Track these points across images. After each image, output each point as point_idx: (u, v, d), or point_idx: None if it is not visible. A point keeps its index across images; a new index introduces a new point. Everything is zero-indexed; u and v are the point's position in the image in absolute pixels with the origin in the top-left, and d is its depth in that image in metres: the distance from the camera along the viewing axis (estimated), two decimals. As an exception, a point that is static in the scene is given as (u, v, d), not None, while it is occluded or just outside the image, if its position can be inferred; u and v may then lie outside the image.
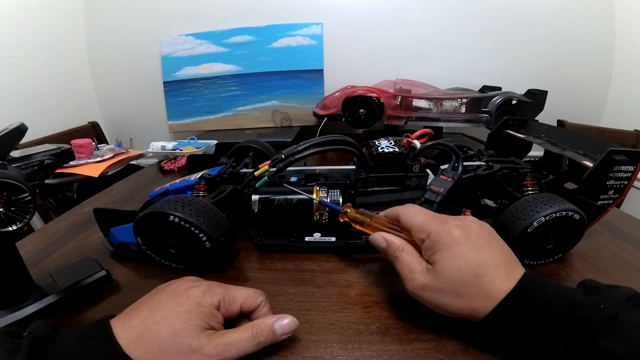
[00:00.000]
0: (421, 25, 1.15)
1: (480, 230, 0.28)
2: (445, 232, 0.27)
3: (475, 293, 0.25)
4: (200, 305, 0.25)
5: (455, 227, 0.28)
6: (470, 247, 0.27)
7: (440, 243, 0.27)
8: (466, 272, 0.26)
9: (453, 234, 0.27)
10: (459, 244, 0.27)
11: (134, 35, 1.21)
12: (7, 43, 1.01)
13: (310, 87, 1.13)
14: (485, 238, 0.28)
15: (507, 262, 0.27)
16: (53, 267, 0.40)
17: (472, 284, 0.26)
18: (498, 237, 0.29)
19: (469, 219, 0.29)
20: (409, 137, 0.43)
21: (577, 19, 1.13)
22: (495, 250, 0.27)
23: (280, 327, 0.27)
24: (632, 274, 0.37)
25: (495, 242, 0.28)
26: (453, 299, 0.26)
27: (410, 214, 0.31)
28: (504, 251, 0.28)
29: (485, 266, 0.26)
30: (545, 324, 0.23)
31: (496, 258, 0.26)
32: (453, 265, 0.26)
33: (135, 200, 0.62)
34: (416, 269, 0.28)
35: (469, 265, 0.26)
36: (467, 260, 0.26)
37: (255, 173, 0.40)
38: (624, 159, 0.37)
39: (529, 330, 0.24)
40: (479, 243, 0.27)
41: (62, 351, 0.23)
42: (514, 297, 0.24)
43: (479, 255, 0.26)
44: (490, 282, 0.25)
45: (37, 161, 0.32)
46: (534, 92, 0.90)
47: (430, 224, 0.29)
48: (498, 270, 0.26)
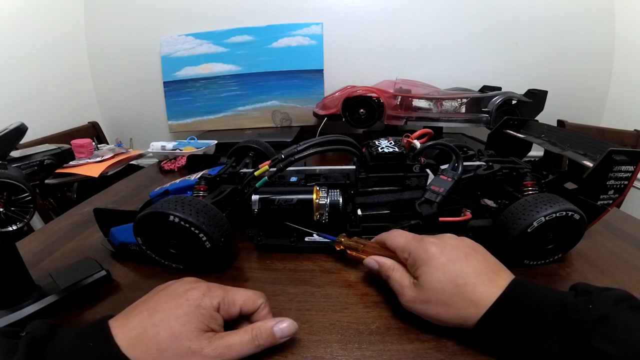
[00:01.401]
0: (421, 25, 1.15)
1: (457, 244, 0.30)
2: (423, 249, 0.30)
3: (460, 302, 0.27)
4: (200, 307, 0.25)
5: (431, 244, 0.30)
6: (447, 260, 0.28)
7: (419, 259, 0.29)
8: (446, 282, 0.27)
9: (429, 250, 0.29)
10: (435, 258, 0.29)
11: (134, 35, 1.21)
12: (7, 43, 1.01)
13: (310, 87, 1.13)
14: (463, 250, 0.30)
15: (489, 270, 0.28)
16: (53, 267, 0.40)
17: (454, 293, 0.27)
18: (479, 248, 0.31)
19: (446, 236, 0.32)
20: (409, 137, 0.43)
21: (577, 19, 1.13)
22: (473, 260, 0.29)
23: (280, 330, 0.27)
24: (632, 274, 0.37)
25: (474, 253, 0.30)
26: (442, 308, 0.27)
27: (394, 237, 0.33)
28: (484, 260, 0.29)
29: (464, 275, 0.27)
30: (536, 327, 0.24)
31: (475, 267, 0.28)
32: (433, 278, 0.28)
33: (135, 200, 0.62)
34: (405, 284, 0.30)
35: (447, 276, 0.28)
36: (445, 271, 0.28)
37: (255, 173, 0.40)
38: (624, 159, 0.37)
39: (521, 334, 0.24)
40: (455, 256, 0.29)
41: (60, 351, 0.23)
42: (502, 303, 0.25)
43: (456, 266, 0.28)
44: (472, 290, 0.27)
45: (37, 161, 0.32)
46: (534, 92, 0.90)
47: (409, 244, 0.31)
48: (479, 279, 0.27)
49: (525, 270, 0.38)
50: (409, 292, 0.29)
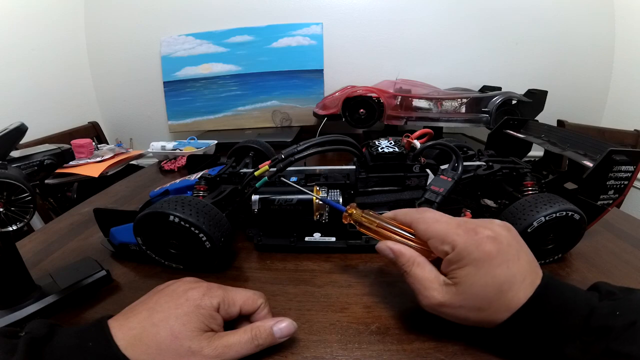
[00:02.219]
0: (421, 25, 1.15)
1: (510, 239, 0.26)
2: (476, 245, 0.25)
3: (497, 307, 0.25)
4: (200, 307, 0.25)
5: (487, 240, 0.25)
6: (501, 261, 0.25)
7: (468, 257, 0.25)
8: (492, 289, 0.24)
9: (485, 248, 0.25)
10: (491, 258, 0.25)
11: (134, 35, 1.21)
12: (7, 43, 1.01)
13: (310, 87, 1.13)
14: (515, 247, 0.26)
15: (532, 270, 0.25)
16: (53, 267, 0.40)
17: (495, 299, 0.24)
18: (522, 241, 0.27)
19: (496, 225, 0.27)
20: (409, 137, 0.43)
21: (577, 19, 1.13)
22: (523, 260, 0.25)
23: (279, 330, 0.27)
24: (632, 274, 0.37)
25: (522, 249, 0.26)
26: (473, 313, 0.25)
27: (429, 221, 0.27)
28: (529, 259, 0.26)
29: (513, 280, 0.24)
30: (562, 331, 0.23)
31: (523, 270, 0.25)
32: (480, 282, 0.24)
33: (135, 200, 0.62)
34: (431, 286, 0.26)
35: (496, 282, 0.24)
36: (495, 276, 0.24)
37: (255, 173, 0.40)
38: (624, 159, 0.37)
39: (545, 337, 0.24)
40: (510, 255, 0.25)
41: (59, 351, 0.23)
42: (530, 306, 0.24)
43: (509, 270, 0.24)
44: (514, 296, 0.24)
45: (37, 161, 0.32)
46: (534, 92, 0.90)
47: (455, 235, 0.26)
48: (524, 283, 0.24)
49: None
50: (436, 295, 0.26)
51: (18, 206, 0.28)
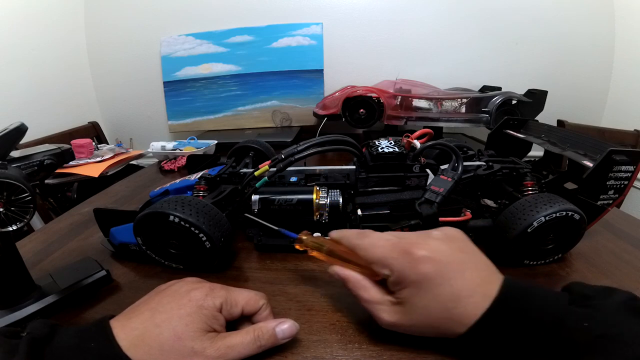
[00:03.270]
0: (421, 25, 1.15)
1: (451, 254, 0.25)
2: (411, 267, 0.25)
3: (448, 324, 0.24)
4: (203, 307, 0.25)
5: (422, 261, 0.25)
6: (442, 281, 0.24)
7: (406, 280, 0.25)
8: (436, 308, 0.24)
9: (421, 270, 0.24)
10: (429, 279, 0.24)
11: (134, 35, 1.21)
12: (7, 43, 1.01)
13: (310, 87, 1.13)
14: (457, 262, 0.25)
15: (482, 280, 0.25)
16: (53, 267, 0.40)
17: (443, 317, 0.24)
18: (471, 249, 0.27)
19: (434, 240, 0.26)
20: (409, 137, 0.43)
21: (577, 19, 1.13)
22: (468, 272, 0.25)
23: (282, 331, 0.27)
24: (632, 274, 0.37)
25: (468, 261, 0.26)
26: (427, 330, 0.26)
27: (368, 247, 0.27)
28: (478, 267, 0.26)
29: (458, 297, 0.24)
30: (526, 344, 0.22)
31: (470, 284, 0.24)
32: (422, 303, 0.24)
33: (135, 200, 0.62)
34: (380, 307, 0.26)
35: (439, 301, 0.24)
36: (437, 295, 0.24)
37: (255, 173, 0.40)
38: (624, 159, 0.37)
39: (509, 350, 0.23)
40: (451, 272, 0.24)
41: (61, 351, 0.23)
42: (487, 318, 0.23)
43: (452, 288, 0.24)
44: (463, 311, 0.24)
45: (37, 161, 0.32)
46: (534, 92, 0.90)
47: (391, 259, 0.25)
48: (472, 298, 0.24)
49: (525, 270, 0.38)
50: (387, 316, 0.26)
51: (18, 206, 0.28)
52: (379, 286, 0.27)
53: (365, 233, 0.29)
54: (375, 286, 0.27)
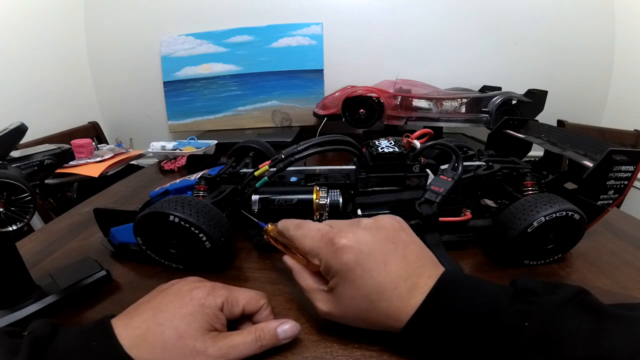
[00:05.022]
0: (421, 25, 1.15)
1: (373, 244, 0.25)
2: (334, 257, 0.25)
3: (376, 317, 0.24)
4: (204, 306, 0.25)
5: (343, 250, 0.25)
6: (362, 272, 0.24)
7: (331, 270, 0.25)
8: (360, 300, 0.24)
9: (342, 260, 0.25)
10: (349, 270, 0.24)
11: (134, 35, 1.21)
12: (7, 43, 1.01)
13: (310, 87, 1.13)
14: (380, 253, 0.25)
15: (410, 274, 0.24)
16: (53, 267, 0.40)
17: (369, 309, 0.24)
18: (403, 239, 0.26)
19: (360, 229, 0.26)
20: (409, 137, 0.43)
21: (577, 19, 1.13)
22: (392, 264, 0.24)
23: (283, 332, 0.27)
24: (632, 274, 0.37)
25: (394, 251, 0.25)
26: (360, 322, 0.26)
27: (300, 238, 0.28)
28: (406, 260, 0.25)
29: (380, 290, 0.24)
30: (461, 340, 0.22)
31: (394, 275, 0.24)
32: (347, 294, 0.25)
33: (135, 200, 0.62)
34: (315, 297, 0.27)
35: (362, 293, 0.24)
36: (359, 287, 0.24)
37: (255, 173, 0.40)
38: (624, 159, 0.37)
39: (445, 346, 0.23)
40: (372, 264, 0.24)
41: (63, 351, 0.23)
42: (421, 313, 0.23)
43: (372, 280, 0.24)
44: (388, 306, 0.24)
45: (37, 161, 0.32)
46: (534, 92, 0.90)
47: (318, 249, 0.26)
48: (396, 291, 0.24)
49: (525, 270, 0.38)
50: (322, 305, 0.26)
51: (18, 206, 0.28)
52: (316, 276, 0.28)
53: (301, 224, 0.29)
54: (313, 276, 0.28)
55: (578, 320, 0.20)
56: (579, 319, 0.21)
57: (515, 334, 0.21)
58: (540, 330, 0.20)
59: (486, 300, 0.22)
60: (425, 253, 0.27)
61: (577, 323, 0.20)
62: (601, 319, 0.20)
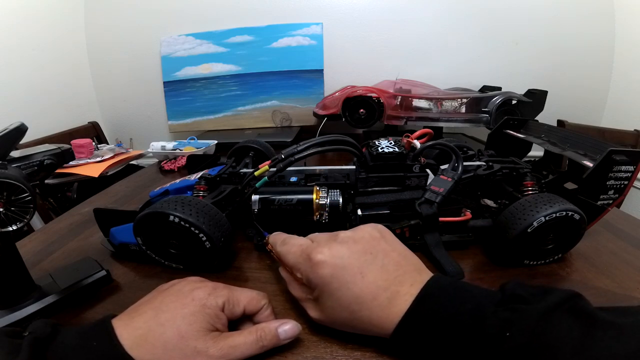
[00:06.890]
0: (421, 25, 1.15)
1: (351, 256, 0.26)
2: (312, 272, 0.26)
3: (361, 325, 0.25)
4: (206, 307, 0.25)
5: (319, 266, 0.26)
6: (339, 285, 0.25)
7: (312, 284, 0.27)
8: (341, 310, 0.25)
9: (319, 274, 0.26)
10: (327, 283, 0.25)
11: (134, 35, 1.21)
12: (8, 43, 1.01)
13: (310, 87, 1.13)
14: (358, 263, 0.26)
15: (390, 283, 0.25)
16: (53, 267, 0.40)
17: (352, 318, 0.25)
18: (381, 249, 0.27)
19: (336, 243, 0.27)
20: (409, 137, 0.43)
21: (577, 18, 1.13)
22: (370, 276, 0.25)
23: (284, 332, 0.27)
24: (632, 274, 0.37)
25: (372, 262, 0.26)
26: (349, 329, 0.27)
27: (285, 253, 0.29)
28: (385, 271, 0.26)
29: (360, 301, 0.25)
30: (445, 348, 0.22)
31: (372, 286, 0.25)
32: (328, 304, 0.26)
33: (135, 200, 0.62)
34: (305, 305, 0.28)
35: (342, 304, 0.25)
36: (338, 299, 0.25)
37: (255, 173, 0.40)
38: (624, 159, 0.37)
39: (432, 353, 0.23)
40: (348, 277, 0.25)
41: (63, 351, 0.23)
42: (407, 320, 0.23)
43: (349, 292, 0.25)
44: (369, 315, 0.24)
45: (37, 161, 0.31)
46: (534, 92, 0.90)
47: (299, 265, 0.28)
48: (376, 301, 0.24)
49: (526, 270, 0.38)
50: (312, 312, 0.28)
51: (18, 206, 0.28)
52: (305, 286, 0.28)
53: (285, 240, 0.31)
54: (302, 286, 0.29)
55: (566, 327, 0.20)
56: (567, 325, 0.20)
57: (498, 343, 0.20)
58: (522, 340, 0.20)
59: (470, 308, 0.22)
60: (409, 260, 0.27)
61: (564, 330, 0.20)
62: (590, 326, 0.20)
